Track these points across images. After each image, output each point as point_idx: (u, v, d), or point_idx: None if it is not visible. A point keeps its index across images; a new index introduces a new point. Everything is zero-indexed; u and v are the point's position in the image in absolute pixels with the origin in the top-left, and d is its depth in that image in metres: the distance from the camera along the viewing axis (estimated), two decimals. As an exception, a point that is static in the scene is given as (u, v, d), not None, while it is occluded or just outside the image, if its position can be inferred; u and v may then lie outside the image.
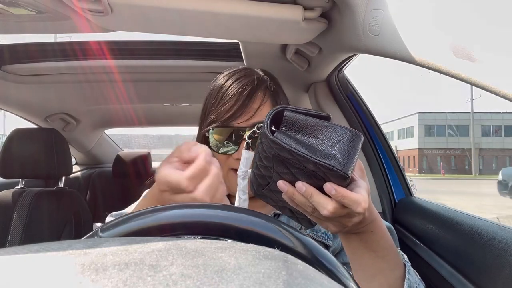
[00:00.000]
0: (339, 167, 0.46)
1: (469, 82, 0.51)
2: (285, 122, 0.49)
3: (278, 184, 0.52)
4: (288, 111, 0.50)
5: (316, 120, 0.50)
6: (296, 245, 0.35)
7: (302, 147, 0.48)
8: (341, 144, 0.48)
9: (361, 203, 0.49)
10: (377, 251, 0.57)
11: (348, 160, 0.47)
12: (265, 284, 0.20)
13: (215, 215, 0.38)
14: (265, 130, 0.48)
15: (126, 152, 2.65)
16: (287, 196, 0.53)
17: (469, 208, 10.10)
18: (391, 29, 0.66)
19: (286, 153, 0.48)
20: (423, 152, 38.70)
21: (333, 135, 0.49)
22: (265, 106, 0.79)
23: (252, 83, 0.79)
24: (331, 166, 0.46)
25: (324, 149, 0.48)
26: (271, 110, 0.50)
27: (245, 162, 0.59)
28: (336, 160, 0.47)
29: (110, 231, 0.36)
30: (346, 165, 0.47)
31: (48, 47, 1.44)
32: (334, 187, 0.47)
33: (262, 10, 0.85)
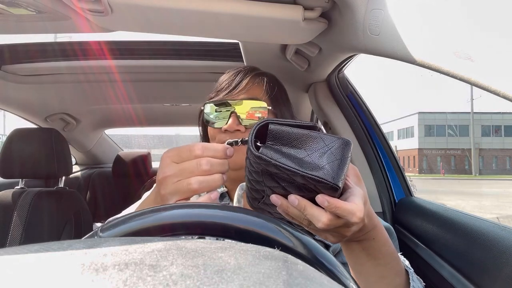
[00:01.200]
0: (329, 178, 0.45)
1: (469, 82, 0.51)
2: (270, 136, 0.48)
3: (271, 198, 0.51)
4: (272, 124, 0.48)
5: (303, 131, 0.48)
6: (296, 245, 0.35)
7: (289, 160, 0.46)
8: (329, 154, 0.47)
9: (356, 213, 0.47)
10: (379, 258, 0.56)
11: (338, 170, 0.46)
12: (265, 284, 0.20)
13: (215, 215, 0.38)
14: (250, 146, 0.47)
15: (126, 152, 2.65)
16: (281, 210, 0.51)
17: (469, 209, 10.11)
18: (391, 29, 0.66)
19: (273, 168, 0.47)
20: (423, 152, 38.70)
21: (320, 145, 0.47)
22: (257, 87, 0.84)
23: (246, 70, 0.86)
24: (319, 178, 0.45)
25: (312, 161, 0.46)
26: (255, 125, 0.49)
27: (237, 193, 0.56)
28: (325, 171, 0.45)
29: (110, 231, 0.36)
30: (336, 175, 0.45)
31: (48, 47, 1.44)
32: (326, 198, 0.46)
33: (262, 10, 0.86)
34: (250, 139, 0.48)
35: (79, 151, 2.54)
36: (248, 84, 0.83)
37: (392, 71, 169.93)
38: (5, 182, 1.89)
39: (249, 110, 0.80)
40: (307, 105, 1.63)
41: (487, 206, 11.30)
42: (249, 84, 0.83)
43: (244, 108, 0.80)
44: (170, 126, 3.83)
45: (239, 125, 0.79)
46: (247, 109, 0.80)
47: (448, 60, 0.54)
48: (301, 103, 1.67)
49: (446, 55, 0.54)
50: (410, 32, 0.63)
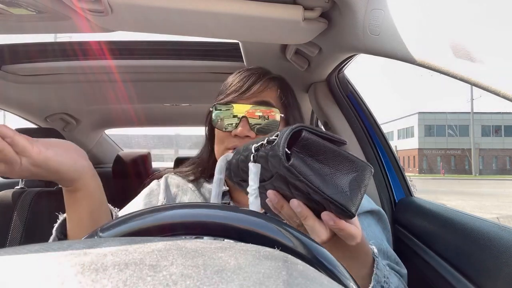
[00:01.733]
0: (349, 206, 0.43)
1: (469, 82, 0.51)
2: (300, 144, 0.45)
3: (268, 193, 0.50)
4: (306, 132, 0.45)
5: (333, 147, 0.46)
6: (296, 245, 0.35)
7: (315, 177, 0.43)
8: (353, 179, 0.44)
9: (357, 238, 0.47)
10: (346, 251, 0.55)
11: (357, 198, 0.44)
12: (265, 284, 0.20)
13: (215, 215, 0.38)
14: (280, 154, 0.43)
15: (126, 152, 2.65)
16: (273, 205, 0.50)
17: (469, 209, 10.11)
18: (391, 29, 0.66)
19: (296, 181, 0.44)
20: (423, 152, 38.71)
21: (346, 166, 0.45)
22: (269, 92, 0.82)
23: (258, 72, 0.84)
24: (341, 205, 0.43)
25: (335, 182, 0.44)
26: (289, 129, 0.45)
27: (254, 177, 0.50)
28: (347, 198, 0.43)
29: (110, 231, 0.36)
30: (355, 203, 0.44)
31: (48, 47, 1.44)
32: (333, 218, 0.45)
33: (262, 10, 0.85)
34: (282, 146, 0.44)
35: (79, 151, 2.54)
36: (260, 88, 0.81)
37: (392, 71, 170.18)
38: (5, 182, 1.89)
39: (261, 115, 0.79)
40: (307, 105, 1.63)
41: (487, 206, 11.31)
42: (261, 88, 0.81)
43: (256, 112, 0.78)
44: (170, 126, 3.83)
45: (250, 131, 0.78)
46: (259, 114, 0.78)
47: (448, 60, 0.54)
48: (301, 103, 1.66)
49: (446, 55, 0.54)
50: (410, 32, 0.63)
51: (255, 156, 0.50)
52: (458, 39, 0.52)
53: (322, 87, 1.36)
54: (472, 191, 17.21)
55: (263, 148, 0.49)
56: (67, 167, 0.61)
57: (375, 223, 0.84)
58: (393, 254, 0.78)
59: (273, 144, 0.46)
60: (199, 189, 0.87)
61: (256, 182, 0.50)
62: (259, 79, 0.82)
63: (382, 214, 0.87)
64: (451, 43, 0.53)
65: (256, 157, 0.50)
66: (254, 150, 0.50)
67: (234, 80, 0.84)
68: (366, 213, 0.83)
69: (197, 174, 0.89)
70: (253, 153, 0.50)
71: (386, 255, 0.77)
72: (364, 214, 0.83)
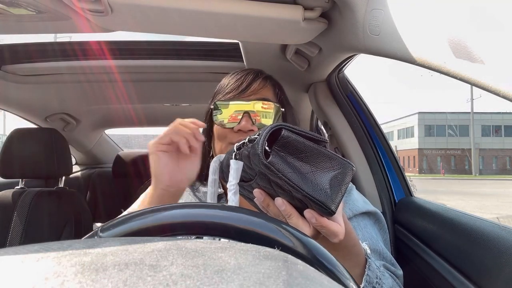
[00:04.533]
0: (329, 203, 0.44)
1: (469, 82, 0.51)
2: (280, 142, 0.46)
3: (254, 192, 0.50)
4: (286, 131, 0.46)
5: (313, 145, 0.46)
6: (296, 245, 0.35)
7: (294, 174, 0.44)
8: (333, 177, 0.45)
9: (339, 235, 0.48)
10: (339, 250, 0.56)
11: (337, 195, 0.45)
12: (265, 284, 0.20)
13: (215, 215, 0.38)
14: (259, 152, 0.44)
15: (126, 152, 2.65)
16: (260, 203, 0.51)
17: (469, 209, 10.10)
18: (391, 29, 0.66)
19: (276, 178, 0.45)
20: (423, 152, 38.71)
21: (327, 164, 0.46)
22: (267, 89, 0.85)
23: (254, 72, 0.86)
24: (320, 202, 0.44)
25: (315, 179, 0.45)
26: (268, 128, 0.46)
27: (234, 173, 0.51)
28: (327, 196, 0.44)
29: (110, 231, 0.36)
30: (335, 201, 0.44)
31: (48, 47, 1.44)
32: (315, 216, 0.46)
33: (262, 10, 0.86)
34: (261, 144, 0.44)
35: (79, 151, 2.54)
36: (259, 86, 0.83)
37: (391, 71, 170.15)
38: (5, 182, 1.89)
39: (263, 110, 0.80)
40: (307, 105, 1.63)
41: (487, 206, 11.30)
42: (260, 86, 0.83)
43: (258, 108, 0.80)
44: (170, 126, 3.82)
45: (253, 126, 0.79)
46: (261, 110, 0.80)
47: (448, 60, 0.54)
48: (301, 103, 1.67)
49: (446, 55, 0.54)
50: (410, 32, 0.63)
51: (237, 154, 0.52)
52: (458, 39, 0.52)
53: (322, 87, 1.36)
54: (472, 191, 17.21)
55: (245, 147, 0.50)
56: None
57: (371, 225, 0.84)
58: (389, 255, 0.79)
59: (254, 143, 0.47)
60: (194, 192, 0.87)
61: (236, 178, 0.51)
62: (256, 77, 0.84)
63: (379, 216, 0.87)
64: (451, 43, 0.53)
65: (239, 156, 0.51)
66: (236, 148, 0.52)
67: (230, 80, 0.86)
68: (362, 214, 0.84)
69: None
70: (235, 151, 0.52)
71: (381, 256, 0.77)
72: (360, 215, 0.83)
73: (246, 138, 0.50)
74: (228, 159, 0.54)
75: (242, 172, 0.52)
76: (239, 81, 0.83)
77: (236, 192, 0.52)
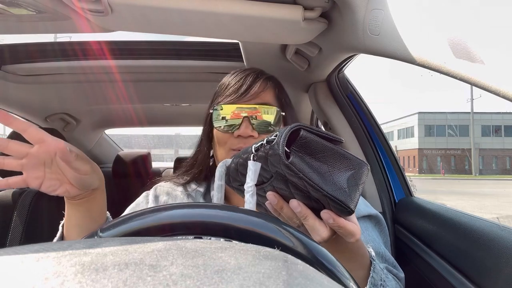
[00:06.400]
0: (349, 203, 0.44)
1: (469, 82, 0.51)
2: (299, 143, 0.46)
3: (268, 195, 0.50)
4: (304, 131, 0.46)
5: (330, 145, 0.46)
6: (296, 245, 0.35)
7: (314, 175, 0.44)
8: (351, 176, 0.45)
9: (356, 235, 0.48)
10: (344, 252, 0.56)
11: (355, 194, 0.45)
12: (265, 284, 0.20)
13: (215, 215, 0.38)
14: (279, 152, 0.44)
15: (126, 152, 2.65)
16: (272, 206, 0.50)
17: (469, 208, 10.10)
18: (391, 29, 0.66)
19: (295, 178, 0.45)
20: (423, 152, 38.71)
21: (344, 164, 0.46)
22: (268, 92, 0.83)
23: (255, 73, 0.84)
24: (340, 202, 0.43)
25: (333, 179, 0.45)
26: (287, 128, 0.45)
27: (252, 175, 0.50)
28: (346, 195, 0.44)
29: (110, 231, 0.36)
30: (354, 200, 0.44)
31: (48, 47, 1.44)
32: (332, 216, 0.46)
33: (262, 10, 0.85)
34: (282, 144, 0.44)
35: (79, 151, 2.54)
36: (259, 89, 0.81)
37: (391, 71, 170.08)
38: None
39: (264, 115, 0.79)
40: (307, 105, 1.63)
41: (487, 206, 11.30)
42: (260, 88, 0.82)
43: (258, 113, 0.79)
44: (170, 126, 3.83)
45: (253, 131, 0.78)
46: (261, 114, 0.79)
47: (448, 60, 0.54)
48: (301, 103, 1.67)
49: (446, 55, 0.54)
50: (410, 32, 0.63)
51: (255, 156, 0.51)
52: (458, 39, 0.52)
53: (322, 87, 1.36)
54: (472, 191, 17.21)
55: (262, 148, 0.49)
56: (98, 172, 0.73)
57: (372, 227, 0.84)
58: (391, 257, 0.79)
59: (272, 144, 0.46)
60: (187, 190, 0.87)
61: (254, 179, 0.50)
62: (257, 78, 0.83)
63: (380, 218, 0.86)
64: (451, 43, 0.53)
65: (256, 157, 0.50)
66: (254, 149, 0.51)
67: (230, 81, 0.84)
68: (364, 218, 0.84)
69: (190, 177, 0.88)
70: (253, 153, 0.51)
71: (384, 259, 0.77)
72: (362, 219, 0.83)
73: (264, 139, 0.49)
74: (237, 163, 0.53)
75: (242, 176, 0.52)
76: (239, 83, 0.82)
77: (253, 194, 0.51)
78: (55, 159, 0.63)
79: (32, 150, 0.62)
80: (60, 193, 0.67)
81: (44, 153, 0.62)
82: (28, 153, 0.62)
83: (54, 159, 0.63)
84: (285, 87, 0.93)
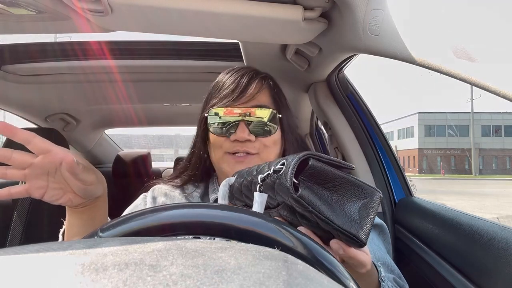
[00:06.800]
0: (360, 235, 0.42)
1: (469, 82, 0.51)
2: (308, 172, 0.43)
3: None
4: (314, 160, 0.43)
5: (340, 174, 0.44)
6: (296, 245, 0.35)
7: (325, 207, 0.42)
8: (362, 207, 0.43)
9: (367, 265, 0.46)
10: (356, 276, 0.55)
11: (366, 225, 0.43)
12: (265, 284, 0.20)
13: (215, 215, 0.38)
14: (288, 185, 0.41)
15: (126, 152, 2.65)
16: None
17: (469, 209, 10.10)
18: (391, 29, 0.66)
19: (304, 212, 0.43)
20: (423, 152, 38.69)
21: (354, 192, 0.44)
22: (264, 93, 0.81)
23: (250, 73, 0.82)
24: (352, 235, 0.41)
25: (344, 210, 0.43)
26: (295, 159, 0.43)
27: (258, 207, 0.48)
28: (357, 227, 0.42)
29: (110, 231, 0.36)
30: (365, 231, 0.42)
31: (48, 47, 1.44)
32: (342, 246, 0.44)
33: (262, 10, 0.85)
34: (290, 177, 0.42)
35: (79, 151, 2.54)
36: (255, 90, 0.79)
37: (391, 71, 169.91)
38: (5, 182, 1.89)
39: (260, 118, 0.77)
40: (307, 105, 1.63)
41: (487, 206, 11.30)
42: (256, 90, 0.79)
43: (254, 116, 0.77)
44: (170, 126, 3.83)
45: (250, 135, 0.76)
46: (257, 117, 0.77)
47: (448, 60, 0.54)
48: (301, 103, 1.67)
49: (446, 55, 0.54)
50: (410, 32, 0.63)
51: (261, 186, 0.48)
52: (458, 39, 0.52)
53: (322, 87, 1.36)
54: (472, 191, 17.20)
55: (269, 178, 0.47)
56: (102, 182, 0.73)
57: (376, 237, 0.83)
58: (396, 268, 0.77)
59: (279, 174, 0.44)
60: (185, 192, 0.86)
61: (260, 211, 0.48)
62: (252, 79, 0.80)
63: (384, 227, 0.85)
64: (451, 43, 0.53)
65: (262, 188, 0.48)
66: (261, 180, 0.48)
67: (225, 81, 0.81)
68: None
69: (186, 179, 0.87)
70: (259, 183, 0.49)
71: (389, 269, 0.76)
72: None
73: (271, 169, 0.47)
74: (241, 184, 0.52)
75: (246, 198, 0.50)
76: (234, 84, 0.79)
77: None
78: (60, 168, 0.62)
79: (36, 160, 0.61)
80: (62, 202, 0.65)
81: (48, 163, 0.61)
82: (32, 163, 0.61)
83: (58, 168, 0.62)
84: (285, 87, 0.93)
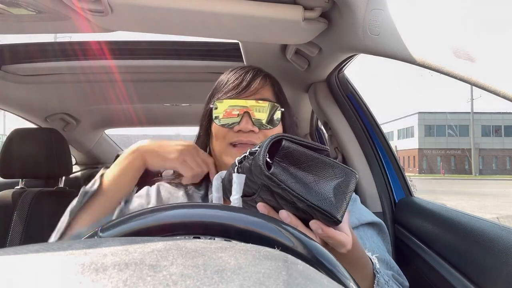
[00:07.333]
0: (334, 212, 0.43)
1: (469, 82, 0.51)
2: (281, 153, 0.45)
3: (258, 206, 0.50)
4: (287, 141, 0.46)
5: (314, 154, 0.46)
6: (296, 245, 0.35)
7: (298, 185, 0.44)
8: (337, 185, 0.45)
9: (346, 245, 0.47)
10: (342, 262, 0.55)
11: (342, 204, 0.44)
12: (265, 284, 0.20)
13: (215, 215, 0.38)
14: (260, 163, 0.44)
15: (126, 152, 2.64)
16: None
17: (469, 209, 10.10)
18: (391, 29, 0.66)
19: (278, 189, 0.45)
20: (423, 152, 38.71)
21: (329, 173, 0.46)
22: (267, 89, 0.84)
23: (254, 70, 0.85)
24: (325, 212, 0.43)
25: (319, 189, 0.44)
26: (268, 139, 0.46)
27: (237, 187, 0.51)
28: (331, 205, 0.44)
29: (110, 231, 0.36)
30: (340, 210, 0.44)
31: (48, 47, 1.44)
32: (321, 226, 0.45)
33: (262, 10, 0.85)
34: (262, 155, 0.44)
35: (79, 151, 2.54)
36: (259, 85, 0.82)
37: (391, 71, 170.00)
38: (5, 182, 1.89)
39: (264, 111, 0.80)
40: (307, 105, 1.63)
41: (487, 206, 11.30)
42: (260, 85, 0.82)
43: (258, 108, 0.79)
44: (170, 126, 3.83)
45: (253, 126, 0.78)
46: (261, 110, 0.79)
47: (448, 60, 0.54)
48: (301, 103, 1.67)
49: (446, 55, 0.54)
50: (410, 32, 0.63)
51: (239, 168, 0.51)
52: (458, 39, 0.52)
53: (322, 87, 1.36)
54: (472, 191, 17.20)
55: (246, 160, 0.49)
56: None
57: (376, 235, 0.84)
58: (396, 265, 0.78)
59: (255, 155, 0.47)
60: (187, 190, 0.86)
61: (239, 192, 0.50)
62: (256, 75, 0.83)
63: (383, 226, 0.86)
64: (451, 43, 0.53)
65: (241, 169, 0.51)
66: (238, 162, 0.51)
67: (230, 78, 0.84)
68: (368, 225, 0.83)
69: None
70: (237, 165, 0.51)
71: (389, 266, 0.77)
72: (366, 226, 0.83)
73: (247, 151, 0.50)
74: (230, 174, 0.53)
75: (245, 186, 0.51)
76: (239, 79, 0.82)
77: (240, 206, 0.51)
78: None
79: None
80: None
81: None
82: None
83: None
84: (285, 87, 0.93)
